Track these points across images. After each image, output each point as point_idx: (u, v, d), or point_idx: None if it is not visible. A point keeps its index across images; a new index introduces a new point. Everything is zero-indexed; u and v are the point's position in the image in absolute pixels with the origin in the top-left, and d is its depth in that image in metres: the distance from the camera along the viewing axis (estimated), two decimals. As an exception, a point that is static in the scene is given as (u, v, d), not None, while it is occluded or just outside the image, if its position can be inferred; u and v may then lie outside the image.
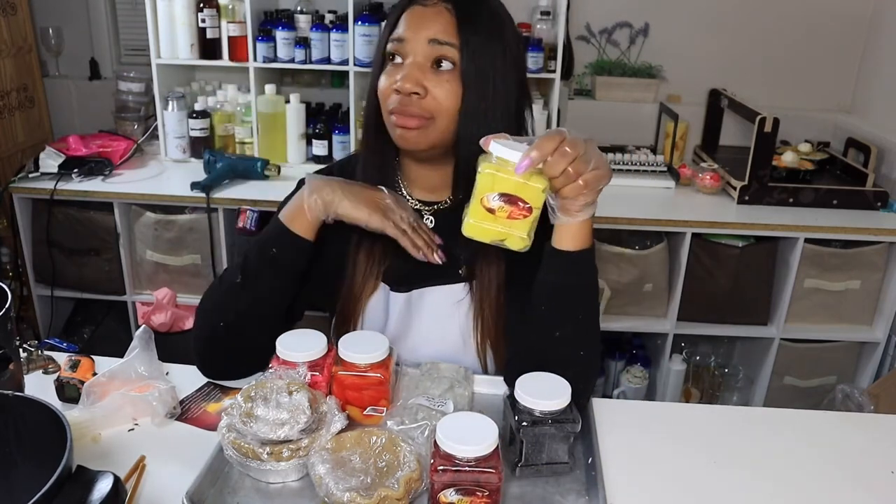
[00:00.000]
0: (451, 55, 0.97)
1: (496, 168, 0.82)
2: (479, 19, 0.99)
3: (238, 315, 1.01)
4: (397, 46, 0.99)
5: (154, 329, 1.45)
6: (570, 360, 0.94)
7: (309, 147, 2.35)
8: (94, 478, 0.67)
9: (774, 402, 2.21)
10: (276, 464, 0.82)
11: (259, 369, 1.05)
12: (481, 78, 0.98)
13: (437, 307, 1.09)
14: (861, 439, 1.00)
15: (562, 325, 0.95)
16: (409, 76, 0.97)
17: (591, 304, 0.97)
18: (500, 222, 0.83)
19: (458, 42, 0.97)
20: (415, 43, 0.98)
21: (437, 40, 0.97)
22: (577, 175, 0.84)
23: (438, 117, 0.98)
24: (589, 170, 0.85)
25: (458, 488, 0.76)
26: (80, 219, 2.14)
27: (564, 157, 0.82)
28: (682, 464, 0.93)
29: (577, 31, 2.55)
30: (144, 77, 2.45)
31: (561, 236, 0.93)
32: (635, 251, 2.10)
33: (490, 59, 0.98)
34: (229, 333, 1.02)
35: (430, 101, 0.98)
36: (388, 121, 1.01)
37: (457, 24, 0.97)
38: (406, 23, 0.99)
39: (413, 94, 0.97)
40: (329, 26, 2.22)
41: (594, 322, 0.98)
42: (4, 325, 0.88)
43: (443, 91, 0.97)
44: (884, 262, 2.08)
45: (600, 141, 2.45)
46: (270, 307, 1.03)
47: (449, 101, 0.98)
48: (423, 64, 0.98)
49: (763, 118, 2.04)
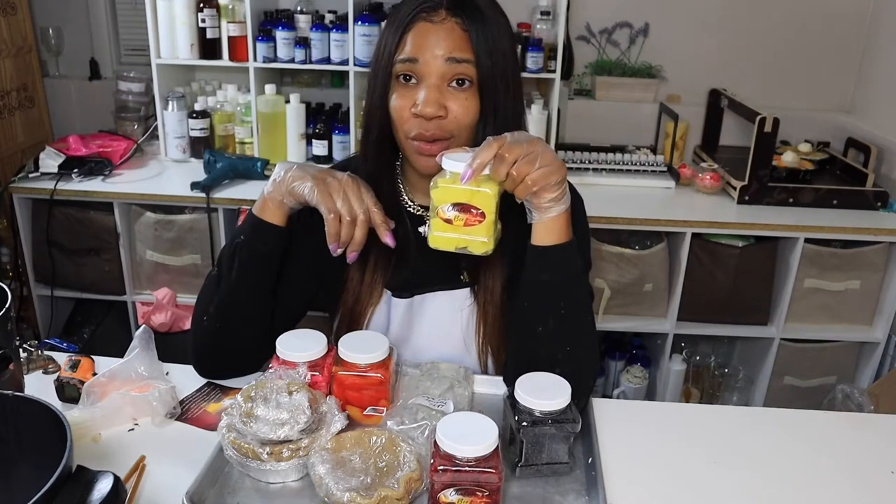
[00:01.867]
0: (468, 72, 0.96)
1: (447, 181, 0.87)
2: (487, 29, 0.97)
3: (217, 307, 1.01)
4: (410, 67, 0.97)
5: (154, 329, 1.45)
6: (557, 356, 0.94)
7: (309, 147, 2.35)
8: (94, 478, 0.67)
9: (774, 402, 2.21)
10: (276, 464, 0.82)
11: (252, 369, 1.06)
12: (496, 87, 0.98)
13: (438, 312, 1.09)
14: (861, 439, 1.00)
15: (544, 321, 0.95)
16: (430, 100, 0.95)
17: (574, 298, 0.96)
18: (458, 231, 0.88)
19: (474, 57, 0.96)
20: (430, 63, 0.96)
21: (455, 58, 0.96)
22: (521, 176, 0.86)
23: (458, 135, 0.99)
24: (534, 169, 0.86)
25: (458, 488, 0.76)
26: (80, 219, 2.14)
27: (503, 162, 0.85)
28: (682, 464, 0.93)
29: (577, 31, 2.55)
30: (144, 77, 2.45)
31: (537, 233, 0.94)
32: (635, 251, 2.10)
33: (501, 68, 0.98)
34: (212, 327, 1.02)
35: (451, 122, 0.98)
36: (408, 144, 1.01)
37: (468, 39, 0.96)
38: (415, 42, 0.96)
39: (436, 117, 0.96)
40: (329, 26, 2.22)
41: (581, 318, 0.97)
42: (4, 325, 0.88)
43: (462, 108, 0.97)
44: (884, 262, 2.08)
45: (600, 141, 2.46)
46: (248, 298, 1.02)
47: (468, 117, 0.98)
48: (441, 84, 0.97)
49: (763, 118, 2.04)
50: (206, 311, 1.02)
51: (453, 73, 0.96)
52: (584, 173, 2.28)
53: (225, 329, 1.02)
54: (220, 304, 1.01)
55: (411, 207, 1.11)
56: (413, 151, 1.01)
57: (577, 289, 0.97)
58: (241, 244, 1.00)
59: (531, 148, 0.87)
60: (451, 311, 1.09)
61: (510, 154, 0.85)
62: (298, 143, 2.33)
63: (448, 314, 1.09)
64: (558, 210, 0.91)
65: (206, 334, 1.03)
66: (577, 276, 0.97)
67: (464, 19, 0.96)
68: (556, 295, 0.95)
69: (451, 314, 1.09)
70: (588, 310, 0.99)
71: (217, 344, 1.04)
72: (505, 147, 0.86)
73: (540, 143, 0.88)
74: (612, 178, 2.29)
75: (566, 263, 0.95)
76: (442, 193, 0.87)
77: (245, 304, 1.02)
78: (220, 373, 1.07)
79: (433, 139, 0.98)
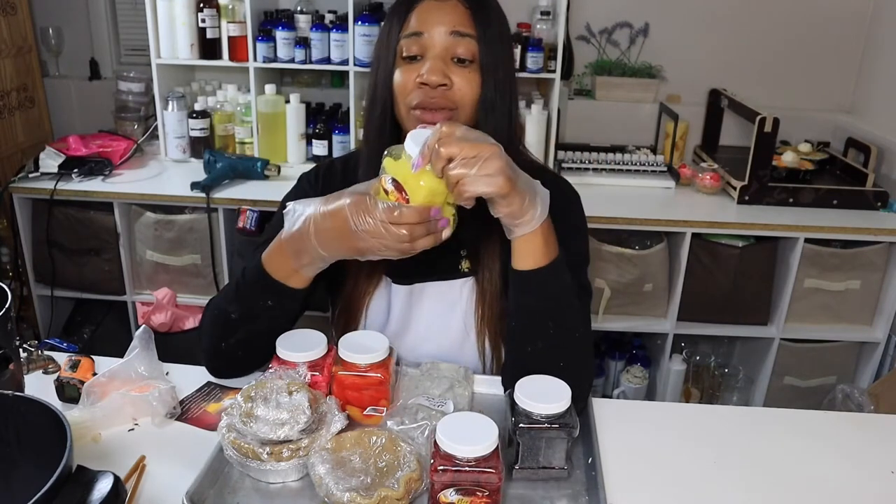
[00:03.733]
0: (471, 47, 0.98)
1: (396, 156, 0.85)
2: (489, 11, 1.01)
3: (238, 342, 1.01)
4: (415, 41, 0.99)
5: (154, 329, 1.45)
6: (551, 371, 0.92)
7: (309, 147, 2.35)
8: (94, 478, 0.67)
9: (774, 402, 2.21)
10: (276, 464, 0.82)
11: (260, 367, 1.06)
12: (496, 68, 1.00)
13: (438, 301, 1.09)
14: (861, 439, 1.00)
15: (532, 341, 0.95)
16: (435, 68, 0.97)
17: (561, 318, 0.95)
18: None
19: (476, 33, 0.98)
20: (434, 36, 0.98)
21: (459, 32, 0.98)
22: (455, 179, 0.81)
23: (461, 108, 1.00)
24: (469, 175, 0.80)
25: (458, 488, 0.76)
26: (80, 219, 2.14)
27: (438, 157, 0.80)
28: (682, 464, 0.93)
29: (577, 31, 2.55)
30: (144, 77, 2.45)
31: (515, 255, 0.92)
32: (635, 251, 2.10)
33: (500, 50, 1.00)
34: (233, 354, 1.02)
35: (456, 93, 0.99)
36: (409, 116, 1.01)
37: (472, 16, 0.99)
38: (420, 17, 0.99)
39: (440, 85, 0.97)
40: (329, 26, 2.22)
41: (571, 336, 0.95)
42: (4, 325, 0.88)
43: (465, 82, 0.98)
44: (884, 262, 2.08)
45: (600, 141, 2.46)
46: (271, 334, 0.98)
47: (472, 92, 0.99)
48: (445, 57, 0.98)
49: (763, 118, 2.04)
50: (225, 341, 1.00)
51: (456, 47, 0.98)
52: (584, 173, 2.29)
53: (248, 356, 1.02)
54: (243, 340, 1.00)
55: None
56: (415, 122, 1.00)
57: (566, 309, 0.95)
58: (270, 307, 0.96)
59: (475, 151, 0.80)
60: (451, 301, 1.09)
61: (445, 149, 0.80)
62: (298, 143, 2.33)
63: (447, 303, 1.09)
64: (522, 231, 0.88)
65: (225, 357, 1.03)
66: (564, 297, 0.94)
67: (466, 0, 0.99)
68: (542, 317, 0.94)
69: (449, 304, 1.09)
70: (580, 323, 0.97)
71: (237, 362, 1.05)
72: (443, 140, 0.80)
73: (490, 149, 0.81)
74: (612, 178, 2.29)
75: (549, 286, 0.93)
76: (389, 164, 0.85)
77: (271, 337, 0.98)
78: (235, 375, 1.08)
79: (438, 107, 0.98)
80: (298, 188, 1.15)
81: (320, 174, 1.15)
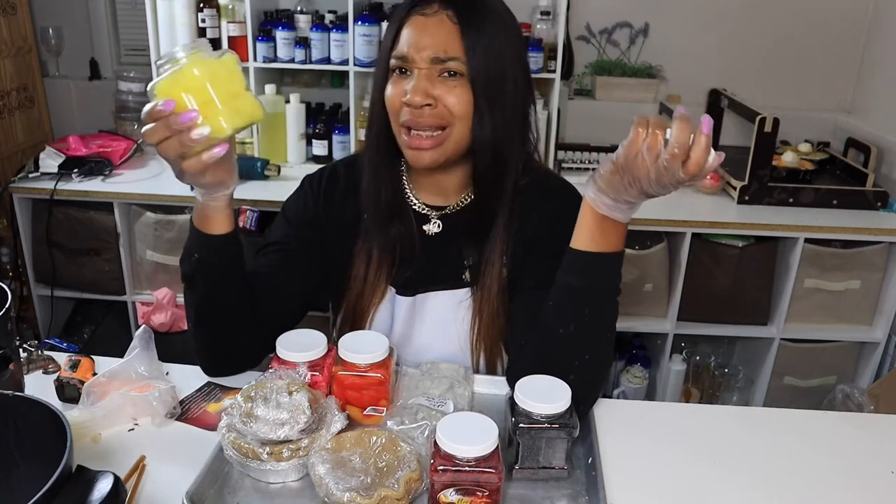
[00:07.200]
0: (457, 68, 0.96)
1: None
2: (482, 22, 0.97)
3: (197, 314, 1.01)
4: (401, 63, 0.98)
5: (154, 329, 1.45)
6: (572, 362, 0.92)
7: (309, 147, 2.35)
8: (94, 478, 0.67)
9: (774, 402, 2.21)
10: (276, 464, 0.82)
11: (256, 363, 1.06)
12: (490, 81, 0.97)
13: (440, 311, 1.09)
14: (861, 439, 1.00)
15: (565, 323, 0.93)
16: (418, 88, 0.96)
17: (600, 308, 0.94)
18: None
19: (463, 53, 0.96)
20: (417, 61, 0.97)
21: (439, 58, 0.96)
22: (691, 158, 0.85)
23: (452, 125, 0.98)
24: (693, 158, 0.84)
25: (458, 488, 0.76)
26: (80, 219, 2.14)
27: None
28: (682, 464, 0.93)
29: (577, 31, 2.55)
30: (144, 77, 2.45)
31: (581, 236, 0.91)
32: (635, 251, 2.10)
33: (497, 61, 0.98)
34: (200, 333, 1.03)
35: (443, 110, 0.97)
36: (400, 137, 1.01)
37: (460, 32, 0.96)
38: (407, 37, 0.98)
39: (425, 105, 0.96)
40: (329, 26, 2.22)
41: (602, 330, 0.95)
42: (4, 325, 0.88)
43: (454, 98, 0.97)
44: (884, 262, 2.08)
45: (600, 141, 2.46)
46: (222, 305, 1.00)
47: (461, 107, 0.97)
48: (431, 74, 0.97)
49: (763, 118, 2.04)
50: (188, 316, 1.03)
51: (441, 67, 0.97)
52: (584, 173, 2.28)
53: (211, 334, 1.03)
54: (200, 310, 1.01)
55: (416, 206, 1.10)
56: (404, 146, 1.01)
57: (606, 302, 0.94)
58: (198, 260, 0.98)
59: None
60: (453, 310, 1.08)
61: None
62: (298, 143, 2.33)
63: (449, 313, 1.09)
64: (616, 214, 0.87)
65: (198, 340, 1.04)
66: (610, 291, 0.94)
67: (455, 12, 0.96)
68: (582, 301, 0.92)
69: (452, 313, 1.09)
70: (612, 324, 0.96)
71: (210, 346, 1.04)
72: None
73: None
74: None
75: (601, 273, 0.92)
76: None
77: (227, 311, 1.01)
78: (224, 371, 1.07)
79: (426, 126, 0.98)
80: (301, 190, 1.15)
81: (324, 179, 1.14)
